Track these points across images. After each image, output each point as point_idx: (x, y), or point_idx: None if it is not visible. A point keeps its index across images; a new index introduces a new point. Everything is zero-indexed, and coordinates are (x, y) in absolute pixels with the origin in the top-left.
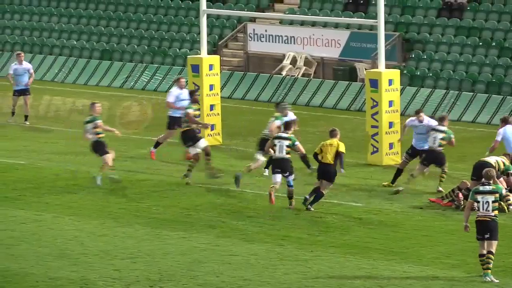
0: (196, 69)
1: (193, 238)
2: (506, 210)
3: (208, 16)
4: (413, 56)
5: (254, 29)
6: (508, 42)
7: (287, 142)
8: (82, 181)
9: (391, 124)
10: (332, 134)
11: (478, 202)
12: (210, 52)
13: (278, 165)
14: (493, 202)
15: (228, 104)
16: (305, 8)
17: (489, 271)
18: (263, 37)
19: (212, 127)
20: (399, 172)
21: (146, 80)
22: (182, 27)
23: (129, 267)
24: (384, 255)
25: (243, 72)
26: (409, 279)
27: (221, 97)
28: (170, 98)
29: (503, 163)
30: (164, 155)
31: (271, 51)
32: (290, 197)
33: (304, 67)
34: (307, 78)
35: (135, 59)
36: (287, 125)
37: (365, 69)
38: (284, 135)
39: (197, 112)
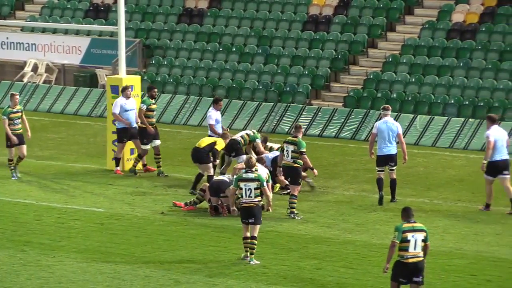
0: None
1: None
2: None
3: None
4: (153, 62)
5: None
6: (248, 47)
7: None
8: None
9: None
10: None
11: (241, 189)
12: None
13: None
14: (255, 189)
15: None
16: (46, 16)
17: (253, 256)
18: (4, 44)
19: None
20: None
21: None
22: None
23: None
24: (126, 260)
25: None
26: (151, 284)
27: None
28: (115, 109)
29: (248, 135)
30: None
31: (13, 58)
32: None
33: (46, 74)
34: (48, 85)
35: None
36: None
37: (106, 76)
38: None
39: (154, 106)
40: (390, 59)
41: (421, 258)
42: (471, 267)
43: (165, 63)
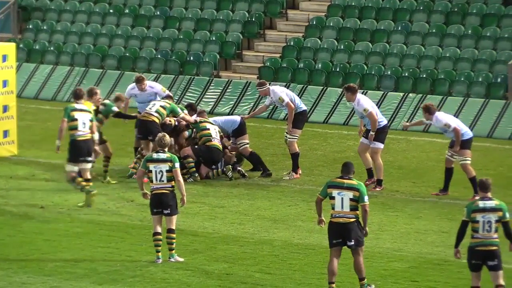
0: None
1: None
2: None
3: None
4: (30, 26)
5: None
6: (143, 9)
7: None
8: None
9: (5, 108)
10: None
11: (150, 172)
12: None
13: None
14: (167, 171)
15: None
16: None
17: (174, 251)
18: None
19: None
20: None
21: None
22: None
23: None
24: None
25: None
26: None
27: None
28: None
29: (164, 107)
30: None
31: None
32: None
33: None
34: None
35: None
36: None
37: None
38: None
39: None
40: (314, 22)
41: (352, 220)
42: (412, 272)
43: (45, 28)
